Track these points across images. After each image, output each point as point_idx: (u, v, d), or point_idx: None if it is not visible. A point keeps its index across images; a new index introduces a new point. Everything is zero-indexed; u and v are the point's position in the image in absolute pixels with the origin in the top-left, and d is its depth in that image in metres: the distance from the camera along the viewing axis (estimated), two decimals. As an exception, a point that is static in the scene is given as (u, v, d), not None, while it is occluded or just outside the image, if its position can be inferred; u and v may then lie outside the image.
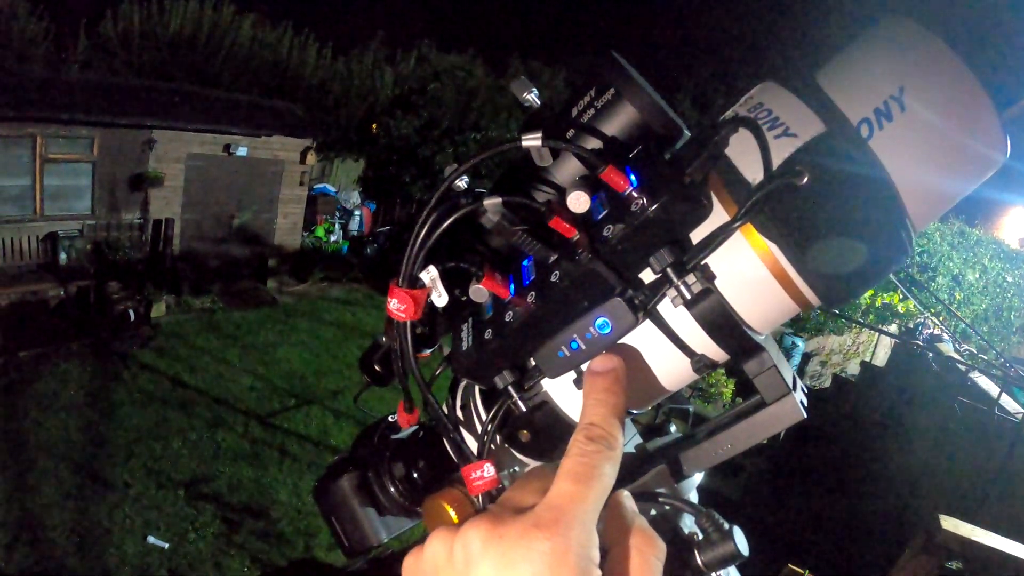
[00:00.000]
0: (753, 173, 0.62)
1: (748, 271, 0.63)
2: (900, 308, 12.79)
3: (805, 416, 0.69)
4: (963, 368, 8.41)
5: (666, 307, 0.65)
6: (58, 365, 9.57)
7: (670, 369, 0.70)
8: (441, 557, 0.51)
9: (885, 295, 12.79)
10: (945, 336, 10.55)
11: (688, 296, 0.62)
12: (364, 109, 18.28)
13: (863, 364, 12.03)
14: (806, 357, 14.08)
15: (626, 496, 0.61)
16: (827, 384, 13.50)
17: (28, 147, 11.15)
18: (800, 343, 13.68)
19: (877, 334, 13.66)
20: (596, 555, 0.48)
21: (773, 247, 0.61)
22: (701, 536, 0.69)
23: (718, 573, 0.69)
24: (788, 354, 13.47)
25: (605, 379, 0.61)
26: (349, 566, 7.04)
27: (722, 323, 0.64)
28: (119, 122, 11.93)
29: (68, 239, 11.65)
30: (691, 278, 0.61)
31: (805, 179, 0.58)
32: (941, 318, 10.87)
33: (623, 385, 0.62)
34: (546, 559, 0.45)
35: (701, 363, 0.68)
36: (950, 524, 4.62)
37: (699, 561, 0.68)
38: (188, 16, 16.02)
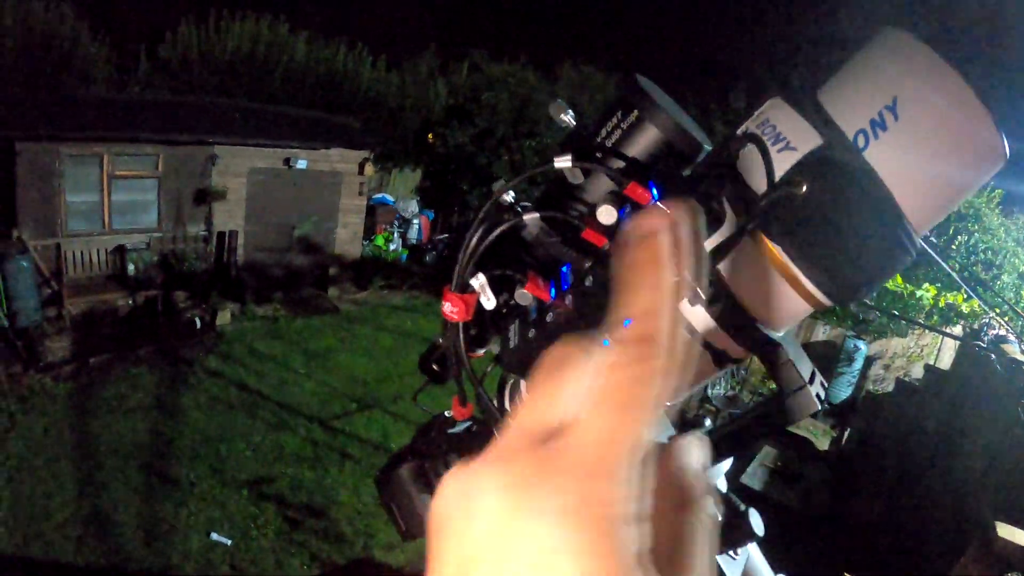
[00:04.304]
0: (759, 184, 0.67)
1: (759, 273, 0.68)
2: (964, 308, 12.39)
3: (820, 408, 0.73)
4: (1029, 371, 8.11)
5: (687, 307, 0.70)
6: (128, 370, 9.89)
7: (693, 364, 0.75)
8: (451, 502, 0.39)
9: (949, 295, 12.42)
10: (1011, 337, 10.19)
11: (704, 297, 0.68)
12: (419, 120, 18.45)
13: (927, 367, 11.67)
14: (868, 360, 13.72)
15: (692, 444, 0.48)
16: (890, 388, 13.15)
17: (96, 165, 11.57)
18: (863, 346, 13.36)
19: (941, 336, 13.27)
20: (629, 511, 0.34)
21: (780, 251, 0.66)
22: (719, 518, 0.74)
23: (737, 551, 0.75)
24: (850, 357, 13.18)
25: (648, 247, 0.40)
26: (406, 568, 7.13)
27: (737, 321, 0.70)
28: (182, 139, 12.29)
29: (136, 251, 12.03)
30: (705, 281, 0.67)
31: (804, 188, 0.63)
32: (1007, 318, 10.51)
33: (678, 254, 0.40)
34: (560, 519, 0.33)
35: (721, 358, 0.73)
36: (1007, 532, 4.49)
37: (717, 540, 0.73)
38: (245, 35, 16.41)
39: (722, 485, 0.85)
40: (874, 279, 0.68)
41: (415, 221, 18.18)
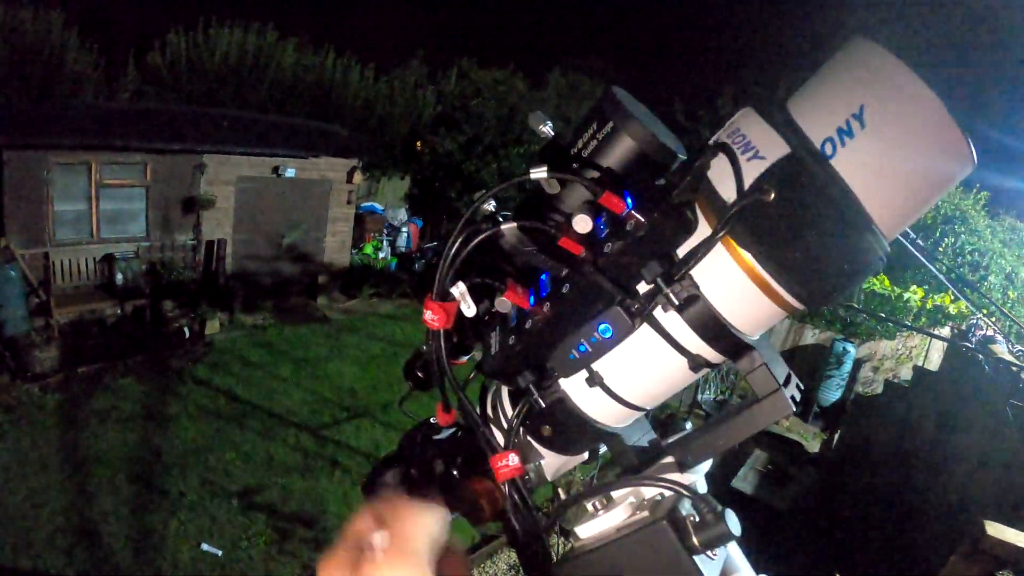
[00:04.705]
0: (729, 192, 0.69)
1: (731, 279, 0.70)
2: (952, 310, 12.46)
3: (794, 410, 0.75)
4: (1016, 370, 8.17)
5: (661, 313, 0.73)
6: (116, 380, 9.86)
7: (670, 368, 0.78)
8: None
9: (936, 297, 12.49)
10: (998, 337, 10.26)
11: (676, 302, 0.70)
12: (408, 127, 18.46)
13: (915, 369, 11.73)
14: (857, 363, 13.78)
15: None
16: (880, 390, 13.19)
17: (84, 174, 11.52)
18: (851, 348, 13.40)
19: (929, 338, 13.34)
20: None
21: (751, 257, 0.69)
22: (697, 518, 0.75)
23: (715, 551, 0.76)
24: (839, 360, 13.23)
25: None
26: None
27: (710, 326, 0.72)
28: (170, 148, 12.25)
29: (124, 260, 11.97)
30: (678, 287, 0.70)
31: (771, 196, 0.65)
32: (994, 319, 10.60)
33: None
34: None
35: (696, 362, 0.75)
36: (996, 530, 4.52)
37: (695, 540, 0.74)
38: (233, 43, 16.40)
39: (702, 486, 0.87)
40: (844, 283, 0.69)
41: (404, 229, 18.20)
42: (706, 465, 0.86)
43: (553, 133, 0.81)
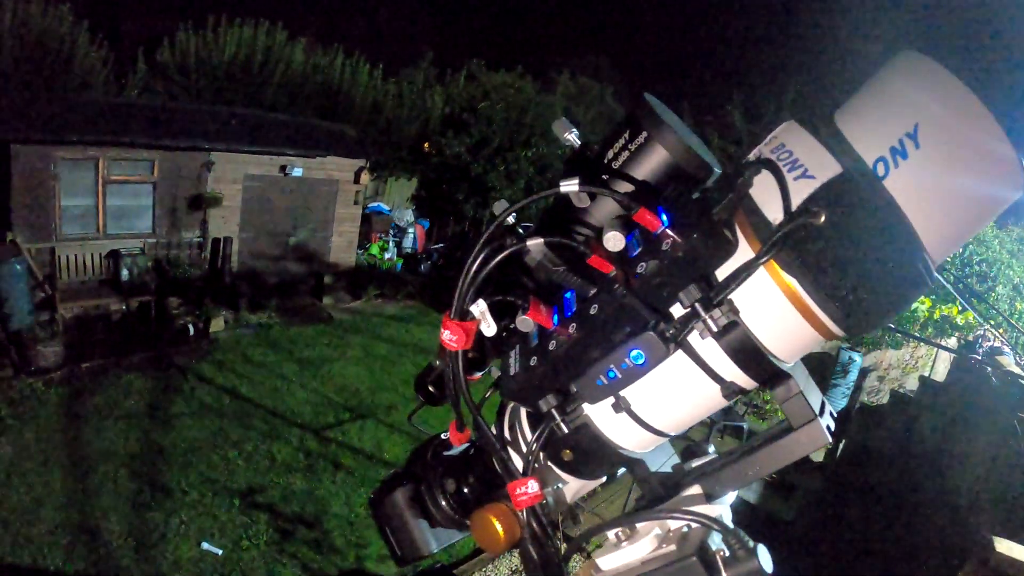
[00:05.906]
0: (775, 213, 0.66)
1: (772, 305, 0.67)
2: (959, 320, 12.38)
3: (830, 441, 0.72)
4: (1024, 382, 8.12)
5: (696, 338, 0.69)
6: (120, 376, 9.83)
7: (702, 395, 0.74)
8: None
9: (944, 307, 12.41)
10: (1006, 349, 10.22)
11: (715, 329, 0.66)
12: (416, 128, 18.47)
13: (922, 379, 11.68)
14: (863, 372, 13.72)
15: None
16: (885, 400, 13.12)
17: (91, 169, 11.56)
18: (857, 358, 13.34)
19: (936, 348, 13.26)
20: None
21: (795, 282, 0.65)
22: (728, 553, 0.72)
23: None
24: (845, 369, 13.17)
25: None
26: (398, 578, 7.06)
27: (748, 353, 0.69)
28: (178, 145, 12.28)
29: (130, 256, 12.00)
30: (717, 312, 0.66)
31: (822, 219, 0.61)
32: (1001, 330, 10.56)
33: None
34: None
35: (730, 390, 0.72)
36: (1004, 547, 4.48)
37: None
38: (242, 42, 16.44)
39: (728, 517, 0.82)
40: (890, 311, 0.66)
41: (410, 230, 18.21)
42: (732, 495, 0.83)
43: (580, 142, 0.78)
